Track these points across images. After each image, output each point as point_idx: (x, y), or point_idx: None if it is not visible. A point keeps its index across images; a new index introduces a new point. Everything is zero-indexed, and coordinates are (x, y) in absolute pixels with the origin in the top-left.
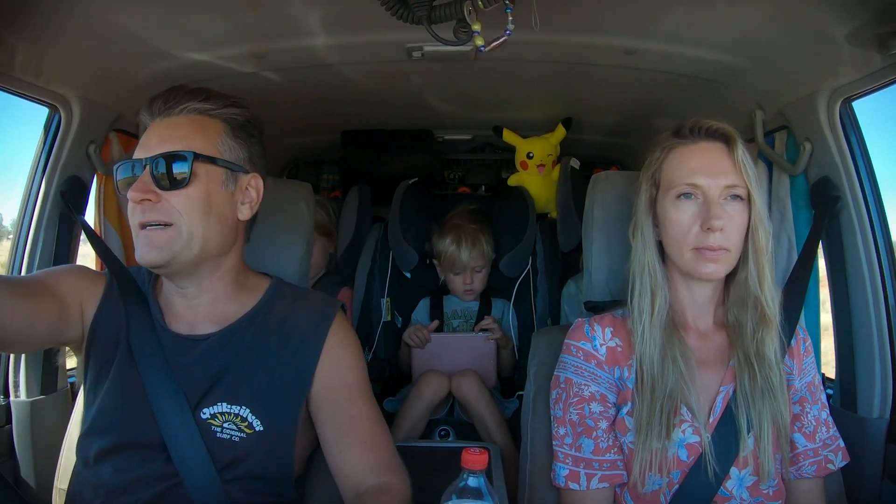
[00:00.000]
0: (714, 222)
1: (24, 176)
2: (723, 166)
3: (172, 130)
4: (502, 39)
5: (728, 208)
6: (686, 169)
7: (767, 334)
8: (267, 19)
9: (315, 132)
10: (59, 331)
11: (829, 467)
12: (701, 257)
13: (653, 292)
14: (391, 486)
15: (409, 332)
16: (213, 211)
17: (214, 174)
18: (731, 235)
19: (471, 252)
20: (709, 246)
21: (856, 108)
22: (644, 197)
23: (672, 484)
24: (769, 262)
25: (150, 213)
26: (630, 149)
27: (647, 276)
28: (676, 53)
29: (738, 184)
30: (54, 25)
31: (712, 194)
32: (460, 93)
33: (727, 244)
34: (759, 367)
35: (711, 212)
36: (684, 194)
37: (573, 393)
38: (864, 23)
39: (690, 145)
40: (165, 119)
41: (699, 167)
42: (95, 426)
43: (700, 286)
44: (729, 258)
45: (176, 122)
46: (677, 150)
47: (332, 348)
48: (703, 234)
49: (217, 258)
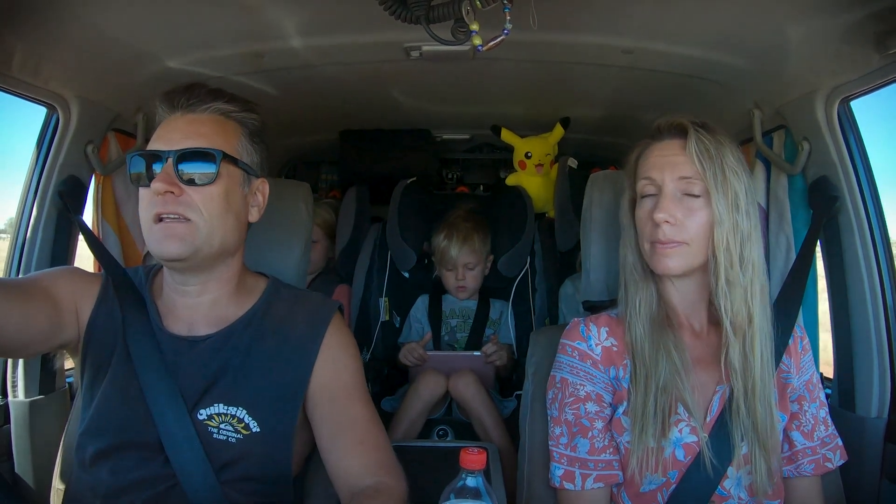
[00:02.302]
0: (657, 215)
1: (22, 176)
2: (675, 159)
3: (197, 127)
4: (500, 39)
5: (688, 202)
6: (647, 165)
7: (756, 334)
8: (265, 19)
9: (313, 132)
10: (55, 334)
11: (828, 466)
12: (655, 252)
13: (637, 286)
14: (387, 485)
15: (403, 352)
16: (231, 210)
17: (234, 175)
18: (689, 229)
19: (461, 248)
20: (658, 239)
21: (854, 108)
22: (626, 197)
23: (669, 483)
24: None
25: (171, 205)
26: (628, 148)
27: (630, 272)
28: (674, 53)
29: (690, 176)
30: (53, 25)
31: (666, 188)
32: (458, 92)
33: (680, 237)
34: (752, 374)
35: (658, 204)
36: (644, 191)
37: (569, 393)
38: (862, 22)
39: (656, 143)
40: (188, 115)
41: (654, 162)
42: (92, 427)
43: (680, 282)
44: (686, 252)
45: (199, 120)
46: (647, 149)
47: (329, 349)
48: (654, 229)
49: (228, 258)
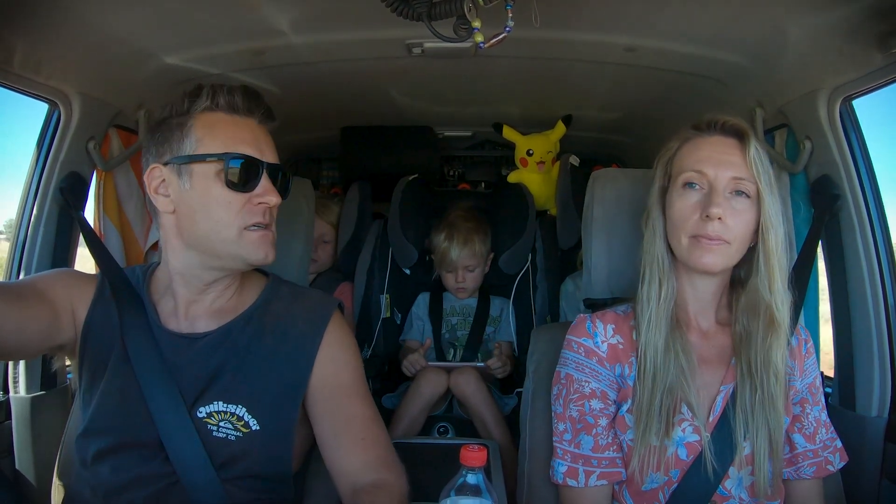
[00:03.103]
0: (712, 210)
1: (24, 172)
2: (732, 159)
3: (268, 140)
4: (502, 36)
5: (734, 202)
6: (694, 158)
7: (776, 341)
8: (267, 16)
9: (315, 128)
10: (51, 336)
11: (829, 468)
12: (697, 245)
13: (660, 281)
14: (387, 482)
15: (405, 364)
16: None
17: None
18: (733, 229)
19: (461, 250)
20: (706, 234)
21: (856, 107)
22: (656, 186)
23: (671, 482)
24: (780, 266)
25: (267, 216)
26: (630, 146)
27: (656, 265)
28: (676, 51)
29: (744, 177)
30: (54, 22)
31: (717, 184)
32: (460, 89)
33: (727, 236)
34: (762, 378)
35: (712, 199)
36: (689, 182)
37: (573, 389)
38: (864, 21)
39: (705, 137)
40: (249, 120)
41: (707, 157)
42: (92, 427)
43: (702, 281)
44: (728, 252)
45: (264, 131)
46: (691, 141)
47: (329, 347)
48: (701, 223)
49: None
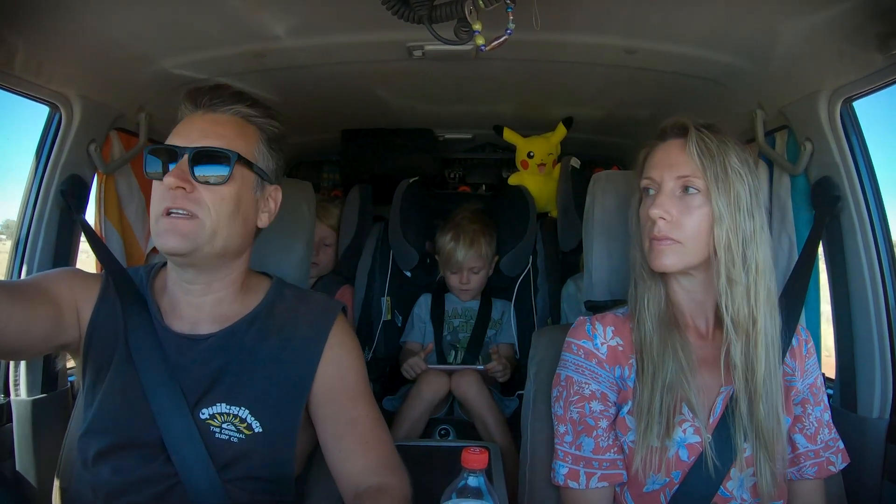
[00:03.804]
0: (652, 210)
1: (25, 174)
2: (677, 158)
3: (216, 127)
4: (503, 39)
5: (687, 200)
6: (650, 164)
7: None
8: (267, 19)
9: (316, 131)
10: (56, 335)
11: (830, 469)
12: (652, 249)
13: (644, 285)
14: (390, 485)
15: (405, 368)
16: (240, 213)
17: (248, 179)
18: (686, 227)
19: (467, 252)
20: (654, 235)
21: (856, 108)
22: (635, 197)
23: (672, 484)
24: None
25: (180, 200)
26: (631, 148)
27: (637, 271)
28: (677, 53)
29: (689, 174)
30: (55, 24)
31: (664, 186)
32: (461, 92)
33: (674, 235)
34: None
35: (655, 201)
36: (646, 189)
37: (574, 391)
38: (865, 23)
39: (660, 144)
40: (208, 114)
41: (658, 161)
42: (94, 426)
43: (685, 280)
44: (681, 251)
45: (219, 120)
46: (653, 149)
47: (333, 350)
48: (651, 225)
49: (232, 260)
